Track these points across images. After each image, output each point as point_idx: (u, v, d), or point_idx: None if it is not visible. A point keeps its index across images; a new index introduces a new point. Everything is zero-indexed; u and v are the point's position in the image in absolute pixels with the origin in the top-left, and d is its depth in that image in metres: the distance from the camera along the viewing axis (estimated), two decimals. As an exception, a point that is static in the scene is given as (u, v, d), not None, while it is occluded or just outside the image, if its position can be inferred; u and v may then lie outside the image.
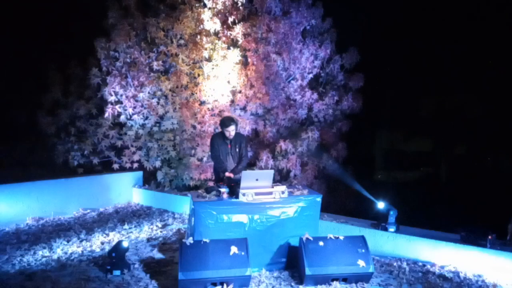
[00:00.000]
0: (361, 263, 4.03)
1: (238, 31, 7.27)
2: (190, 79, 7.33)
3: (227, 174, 4.90)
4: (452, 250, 4.48)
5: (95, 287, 4.04)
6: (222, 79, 7.20)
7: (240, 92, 7.32)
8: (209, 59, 7.27)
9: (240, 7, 7.42)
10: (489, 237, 4.28)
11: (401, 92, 11.84)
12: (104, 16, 7.59)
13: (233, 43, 7.40)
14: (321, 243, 4.14)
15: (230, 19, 7.36)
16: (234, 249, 3.97)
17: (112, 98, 7.33)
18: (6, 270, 4.42)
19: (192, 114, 7.23)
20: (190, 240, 4.03)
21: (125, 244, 4.43)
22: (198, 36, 7.22)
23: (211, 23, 7.30)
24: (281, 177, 7.38)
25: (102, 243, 5.34)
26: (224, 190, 4.51)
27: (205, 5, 7.39)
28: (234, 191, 4.47)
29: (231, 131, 4.88)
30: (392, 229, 4.89)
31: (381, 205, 5.06)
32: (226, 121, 4.94)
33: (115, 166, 7.81)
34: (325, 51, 7.87)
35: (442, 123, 11.69)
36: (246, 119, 7.29)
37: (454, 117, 11.58)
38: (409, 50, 11.53)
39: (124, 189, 7.69)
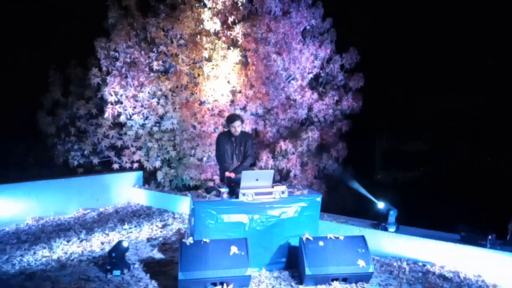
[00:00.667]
0: (361, 263, 4.03)
1: (238, 31, 7.27)
2: (190, 79, 7.33)
3: (227, 174, 4.90)
4: (452, 250, 4.47)
5: (95, 287, 4.04)
6: (222, 79, 7.20)
7: (240, 92, 7.32)
8: (209, 59, 7.27)
9: (240, 7, 7.42)
10: (489, 237, 4.28)
11: (401, 92, 11.84)
12: (104, 16, 7.59)
13: (233, 43, 7.40)
14: (321, 243, 4.14)
15: (230, 19, 7.36)
16: (234, 249, 3.97)
17: (112, 98, 7.33)
18: (6, 270, 4.42)
19: (192, 114, 7.23)
20: (190, 240, 4.03)
21: (125, 244, 4.43)
22: (198, 36, 7.23)
23: (211, 23, 7.30)
24: (281, 177, 7.38)
25: (102, 243, 5.33)
26: (224, 190, 4.51)
27: (205, 5, 7.39)
28: (234, 191, 4.46)
29: (236, 127, 4.89)
30: (392, 229, 4.89)
31: (381, 205, 5.06)
32: (231, 117, 5.01)
33: (115, 166, 7.81)
34: (325, 51, 7.86)
35: (442, 123, 11.69)
36: (246, 119, 7.29)
37: (454, 117, 11.57)
38: (409, 49, 11.53)
39: (124, 189, 7.69)
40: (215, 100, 7.26)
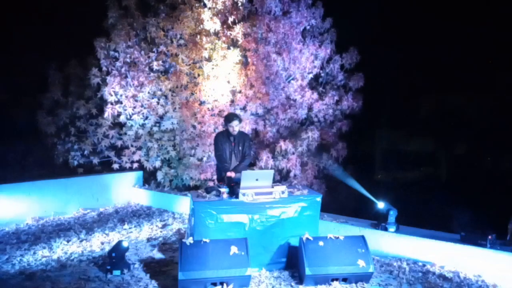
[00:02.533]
0: (361, 263, 4.03)
1: (238, 31, 7.27)
2: (190, 79, 7.33)
3: (228, 174, 4.90)
4: (452, 250, 4.47)
5: (95, 287, 4.04)
6: (222, 79, 7.20)
7: (240, 92, 7.32)
8: (209, 59, 7.27)
9: (240, 7, 7.42)
10: (489, 237, 4.28)
11: (401, 92, 11.84)
12: (104, 16, 7.59)
13: (233, 43, 7.40)
14: (321, 243, 4.14)
15: (230, 19, 7.36)
16: (234, 249, 3.97)
17: (112, 98, 7.33)
18: (6, 270, 4.42)
19: (192, 114, 7.23)
20: (190, 240, 4.03)
21: (125, 244, 4.43)
22: (198, 36, 7.22)
23: (211, 23, 7.29)
24: (281, 177, 7.37)
25: (102, 243, 5.34)
26: (224, 190, 4.51)
27: (205, 5, 7.39)
28: (234, 191, 4.46)
29: (234, 126, 4.89)
30: (392, 229, 4.89)
31: (381, 205, 5.06)
32: (229, 116, 5.00)
33: (115, 166, 7.80)
34: (325, 51, 7.85)
35: (442, 122, 11.69)
36: (246, 119, 7.29)
37: (454, 117, 11.58)
38: (409, 49, 11.53)
39: (124, 189, 7.69)
40: (215, 100, 7.26)
